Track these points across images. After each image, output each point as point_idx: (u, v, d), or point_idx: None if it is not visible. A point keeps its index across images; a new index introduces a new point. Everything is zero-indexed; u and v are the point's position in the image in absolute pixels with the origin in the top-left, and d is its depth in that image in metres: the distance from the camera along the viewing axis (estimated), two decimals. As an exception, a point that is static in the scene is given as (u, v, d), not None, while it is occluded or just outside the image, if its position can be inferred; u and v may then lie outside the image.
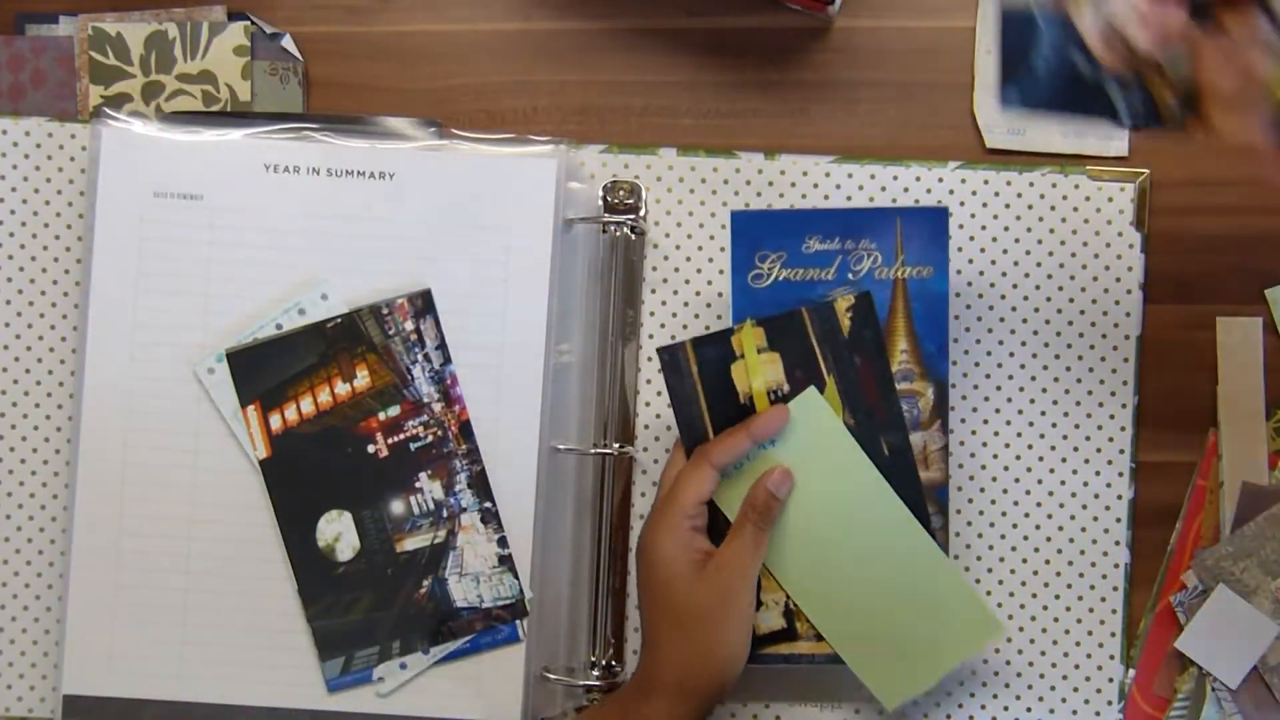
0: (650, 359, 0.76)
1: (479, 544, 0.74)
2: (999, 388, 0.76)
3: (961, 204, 0.76)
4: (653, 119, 0.78)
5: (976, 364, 0.76)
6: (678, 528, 0.67)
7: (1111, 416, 0.75)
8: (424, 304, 0.74)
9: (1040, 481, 0.76)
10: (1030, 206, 0.76)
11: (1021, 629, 0.75)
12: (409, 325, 0.74)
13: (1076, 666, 0.75)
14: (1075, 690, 0.75)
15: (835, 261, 0.73)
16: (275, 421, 0.74)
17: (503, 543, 0.74)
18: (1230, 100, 0.52)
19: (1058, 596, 0.75)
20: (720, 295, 0.76)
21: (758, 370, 0.71)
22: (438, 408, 0.74)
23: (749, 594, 0.67)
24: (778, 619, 0.72)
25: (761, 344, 0.71)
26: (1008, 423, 0.76)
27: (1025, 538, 0.75)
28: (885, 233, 0.72)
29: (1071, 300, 0.76)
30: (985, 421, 0.76)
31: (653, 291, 0.77)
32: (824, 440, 0.70)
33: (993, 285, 0.76)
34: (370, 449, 0.74)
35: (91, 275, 0.74)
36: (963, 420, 0.76)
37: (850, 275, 0.73)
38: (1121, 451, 0.75)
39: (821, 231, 0.73)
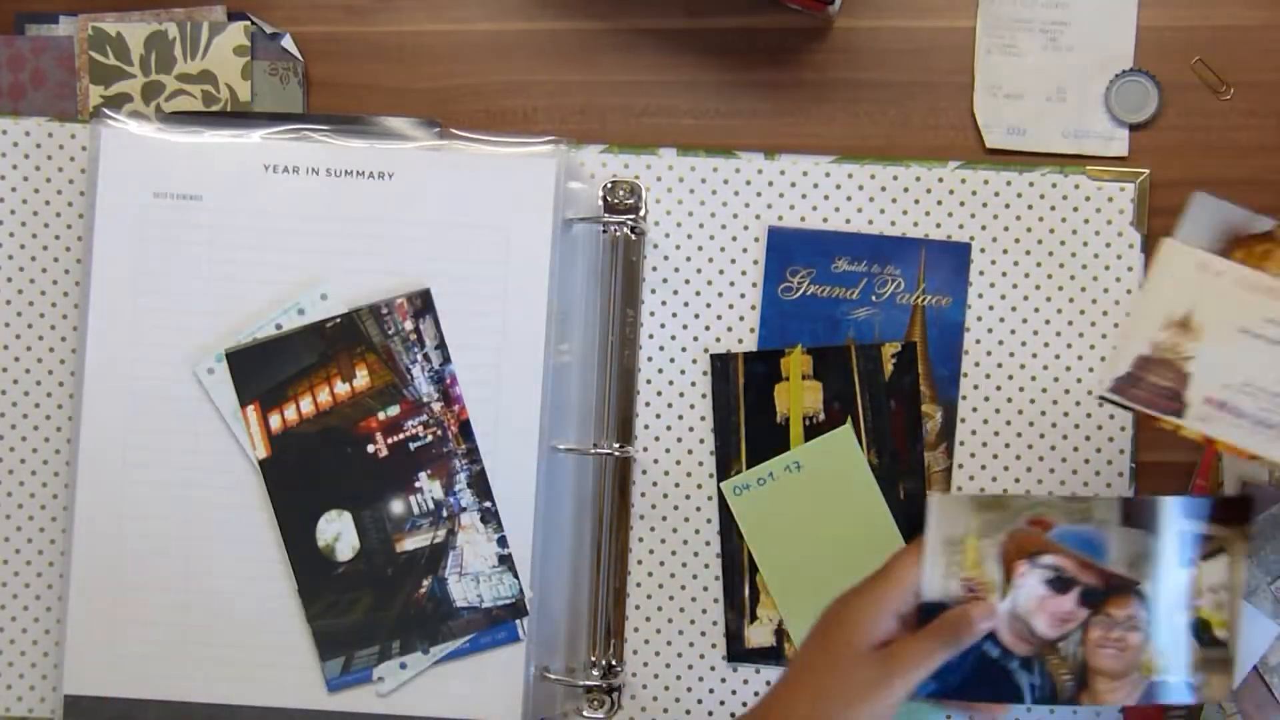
0: (650, 359, 0.76)
1: (479, 544, 0.74)
2: (999, 387, 0.76)
3: (961, 204, 0.76)
4: (653, 119, 0.78)
5: (976, 363, 0.76)
6: (886, 603, 0.63)
7: (1111, 416, 0.75)
8: (423, 304, 0.74)
9: (1040, 481, 0.75)
10: (1030, 206, 0.76)
11: (1021, 629, 0.75)
12: (408, 325, 0.74)
13: (1076, 666, 0.75)
14: (1075, 690, 0.75)
15: (861, 283, 0.75)
16: (275, 421, 0.74)
17: (503, 542, 0.74)
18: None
19: (1058, 596, 0.75)
20: (720, 295, 0.76)
21: (799, 395, 0.74)
22: (437, 407, 0.74)
23: (900, 694, 0.62)
24: (768, 636, 0.75)
25: (807, 371, 0.75)
26: (1008, 422, 0.76)
27: (1025, 538, 0.75)
28: (910, 260, 0.75)
29: (1071, 300, 0.76)
30: (985, 421, 0.76)
31: (653, 291, 0.77)
32: (848, 476, 0.74)
33: (992, 285, 0.76)
34: (370, 449, 0.74)
35: (91, 275, 0.74)
36: (962, 420, 0.76)
37: (874, 298, 0.75)
38: (1121, 451, 0.75)
39: (851, 254, 0.76)
